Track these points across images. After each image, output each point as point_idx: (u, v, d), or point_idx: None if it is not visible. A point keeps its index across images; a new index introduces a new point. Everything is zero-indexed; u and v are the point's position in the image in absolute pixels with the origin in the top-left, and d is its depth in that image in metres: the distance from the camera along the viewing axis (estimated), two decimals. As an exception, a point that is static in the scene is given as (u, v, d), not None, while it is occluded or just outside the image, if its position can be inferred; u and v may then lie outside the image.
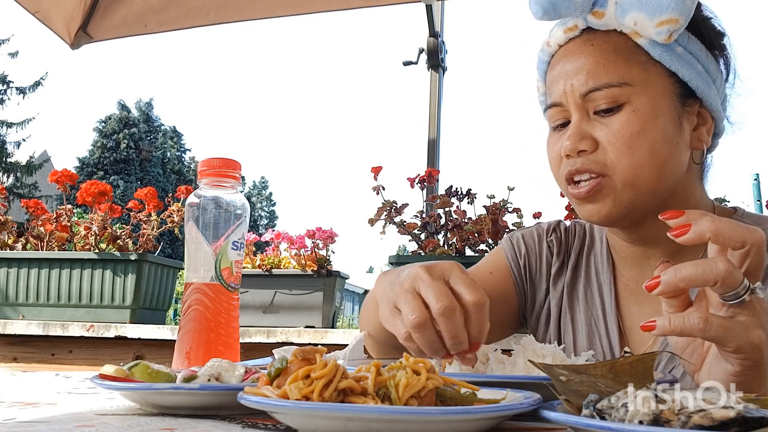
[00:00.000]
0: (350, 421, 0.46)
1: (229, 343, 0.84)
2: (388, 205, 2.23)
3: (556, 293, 1.01)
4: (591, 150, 0.83)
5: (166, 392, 0.60)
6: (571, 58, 0.86)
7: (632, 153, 0.81)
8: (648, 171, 0.81)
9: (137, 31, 2.81)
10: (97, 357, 2.32)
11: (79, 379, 0.96)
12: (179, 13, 2.76)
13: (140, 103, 33.73)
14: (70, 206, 2.52)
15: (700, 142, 0.86)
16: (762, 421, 0.39)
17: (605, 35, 0.84)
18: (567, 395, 0.49)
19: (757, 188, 3.62)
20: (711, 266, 0.54)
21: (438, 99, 2.95)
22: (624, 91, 0.82)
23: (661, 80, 0.83)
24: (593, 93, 0.83)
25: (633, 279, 0.94)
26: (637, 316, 0.93)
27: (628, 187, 0.82)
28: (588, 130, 0.84)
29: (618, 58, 0.83)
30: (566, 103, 0.86)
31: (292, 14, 2.89)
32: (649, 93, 0.82)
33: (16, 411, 0.62)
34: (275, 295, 2.36)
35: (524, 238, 1.05)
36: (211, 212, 0.86)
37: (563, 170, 0.86)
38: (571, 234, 1.04)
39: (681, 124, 0.84)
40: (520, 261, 1.03)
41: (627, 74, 0.82)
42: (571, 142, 0.83)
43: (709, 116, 0.87)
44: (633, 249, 0.92)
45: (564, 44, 0.88)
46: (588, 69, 0.84)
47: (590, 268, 1.00)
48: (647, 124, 0.81)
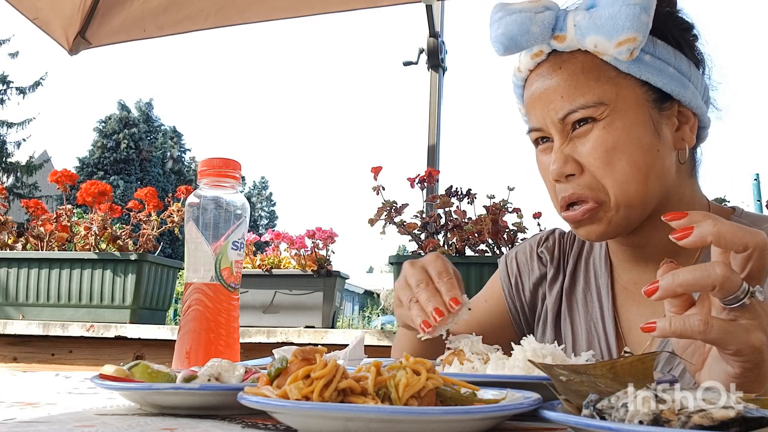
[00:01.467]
0: (350, 421, 0.46)
1: (229, 343, 0.84)
2: (388, 205, 2.23)
3: (552, 298, 1.02)
4: (578, 173, 0.84)
5: (166, 392, 0.60)
6: (543, 82, 0.87)
7: (612, 170, 0.82)
8: (633, 184, 0.82)
9: (136, 36, 2.80)
10: (97, 357, 2.32)
11: (79, 379, 0.96)
12: (178, 17, 2.74)
13: (140, 103, 33.74)
14: (70, 206, 2.52)
15: (683, 142, 0.87)
16: (762, 421, 0.39)
17: (571, 56, 0.85)
18: (567, 395, 0.49)
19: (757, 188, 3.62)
20: (709, 271, 0.54)
21: (438, 99, 2.95)
22: (598, 109, 0.82)
23: (632, 92, 0.83)
24: (570, 115, 0.84)
25: (631, 281, 0.95)
26: (635, 318, 0.93)
27: (621, 206, 0.83)
28: (570, 153, 0.85)
29: (588, 78, 0.83)
30: (546, 127, 0.87)
31: (292, 16, 2.88)
32: (620, 107, 0.83)
33: (16, 411, 0.62)
34: (275, 295, 2.36)
35: (517, 256, 1.08)
36: (211, 212, 0.86)
37: (558, 195, 0.87)
38: (569, 240, 1.05)
39: (659, 131, 0.84)
40: (512, 281, 1.07)
41: (600, 93, 0.83)
42: (557, 167, 0.85)
43: (691, 113, 0.87)
44: (631, 252, 0.93)
45: (534, 69, 0.89)
46: (561, 93, 0.84)
47: (589, 272, 1.01)
48: (621, 138, 0.82)
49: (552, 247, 1.05)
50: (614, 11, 0.78)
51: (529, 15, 0.84)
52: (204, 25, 2.76)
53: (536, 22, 0.83)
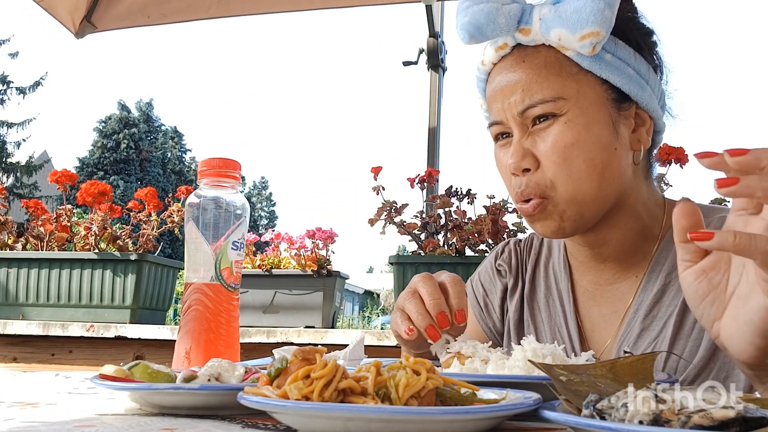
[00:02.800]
0: (350, 421, 0.46)
1: (229, 343, 0.84)
2: (388, 205, 2.23)
3: (513, 307, 1.04)
4: (534, 168, 0.85)
5: (166, 392, 0.60)
6: (506, 75, 0.88)
7: (569, 166, 0.83)
8: (587, 182, 0.83)
9: (140, 22, 2.83)
10: (97, 357, 2.32)
11: (79, 379, 0.96)
12: (182, 5, 2.77)
13: (140, 103, 33.74)
14: (70, 206, 2.52)
15: (639, 143, 0.88)
16: (762, 421, 0.39)
17: (535, 50, 0.86)
18: (567, 395, 0.49)
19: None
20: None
21: (438, 99, 2.95)
22: (558, 104, 0.83)
23: (593, 89, 0.85)
24: (529, 110, 0.85)
25: (591, 282, 0.96)
26: (597, 318, 0.94)
27: (572, 202, 0.84)
28: (528, 147, 0.85)
29: (550, 73, 0.84)
30: (506, 120, 0.88)
31: (293, 9, 2.90)
32: (581, 104, 0.84)
33: (16, 411, 0.62)
34: (275, 295, 2.36)
35: (481, 278, 1.10)
36: (211, 212, 0.86)
37: (514, 188, 0.88)
38: (526, 248, 1.07)
39: (617, 129, 0.85)
40: (480, 304, 1.08)
41: (560, 88, 0.84)
42: (514, 161, 0.85)
43: (647, 116, 0.88)
44: (589, 252, 0.94)
45: (497, 62, 0.90)
46: (522, 86, 0.85)
47: (549, 276, 1.02)
48: (581, 135, 0.83)
49: (509, 258, 1.07)
50: (579, 5, 0.80)
51: (496, 6, 0.85)
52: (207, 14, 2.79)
53: (503, 13, 0.85)
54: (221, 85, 76.38)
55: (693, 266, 0.60)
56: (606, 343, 0.92)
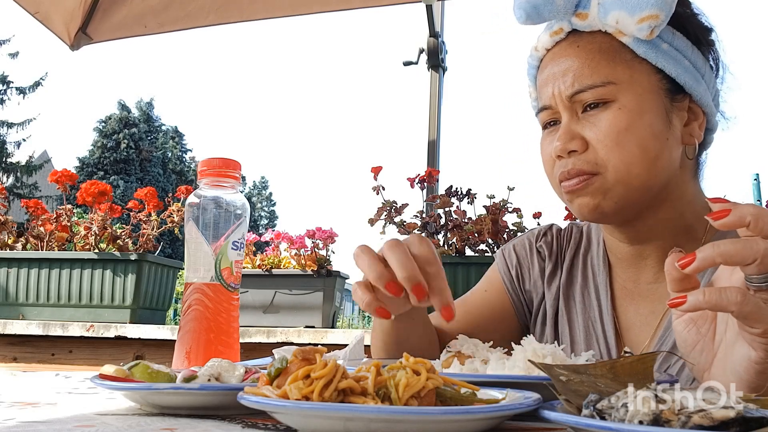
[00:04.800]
0: (350, 421, 0.46)
1: (229, 343, 0.84)
2: (388, 205, 2.23)
3: (551, 295, 1.01)
4: (581, 150, 0.83)
5: (166, 392, 0.60)
6: (558, 60, 0.87)
7: (622, 149, 0.81)
8: (639, 167, 0.82)
9: (137, 32, 2.81)
10: (97, 357, 2.32)
11: (79, 379, 0.96)
12: (179, 14, 2.76)
13: (141, 103, 33.72)
14: (70, 206, 2.52)
15: (692, 137, 0.86)
16: (762, 421, 0.39)
17: (590, 36, 0.85)
18: (567, 395, 0.49)
19: (757, 188, 3.62)
20: (751, 244, 0.53)
21: (438, 99, 2.95)
22: (609, 90, 0.82)
23: (647, 77, 0.83)
24: (579, 94, 0.84)
25: (629, 279, 0.94)
26: (633, 317, 0.92)
27: (620, 183, 0.82)
28: (577, 130, 0.84)
29: (602, 58, 0.84)
30: (555, 105, 0.87)
31: (292, 15, 2.89)
32: (635, 90, 0.82)
33: (16, 411, 0.62)
34: (275, 295, 2.36)
35: (515, 248, 1.06)
36: (211, 212, 0.86)
37: (556, 171, 0.86)
38: (566, 236, 1.04)
39: (670, 120, 0.84)
40: (512, 272, 1.04)
41: (612, 73, 0.83)
42: (561, 143, 0.84)
43: (701, 111, 0.87)
44: (629, 249, 0.92)
45: (551, 48, 0.90)
46: (574, 71, 0.85)
47: (587, 269, 1.00)
48: (634, 121, 0.82)
49: (550, 242, 1.04)
50: None
51: None
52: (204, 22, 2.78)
53: None
54: (221, 85, 76.41)
55: (683, 315, 0.62)
56: (643, 344, 0.90)
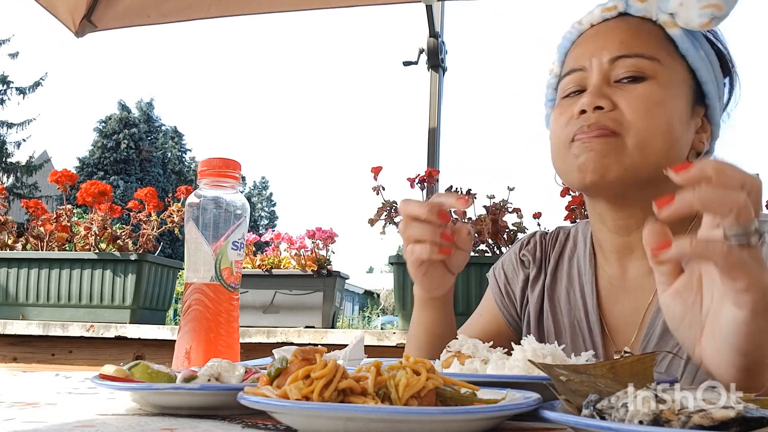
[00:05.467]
0: (350, 421, 0.46)
1: (229, 343, 0.84)
2: (388, 205, 2.23)
3: (534, 297, 1.02)
4: (608, 108, 0.82)
5: (166, 392, 0.60)
6: (603, 31, 0.88)
7: (651, 119, 0.81)
8: (660, 141, 0.81)
9: (140, 22, 2.84)
10: (97, 357, 2.32)
11: (79, 379, 0.96)
12: (182, 5, 2.78)
13: (141, 103, 33.73)
14: (70, 206, 2.52)
15: (701, 144, 0.88)
16: (762, 421, 0.39)
17: (641, 20, 0.87)
18: (567, 395, 0.49)
19: (757, 188, 3.60)
20: (730, 194, 0.53)
21: (438, 99, 2.95)
22: (652, 65, 0.83)
23: (682, 72, 0.86)
24: (623, 59, 0.84)
25: (616, 276, 0.94)
26: (619, 313, 0.92)
27: (638, 150, 0.81)
28: (608, 93, 0.83)
29: (651, 38, 0.85)
30: (589, 67, 0.86)
31: (292, 9, 2.90)
32: (672, 76, 0.84)
33: (16, 411, 0.62)
34: (275, 295, 2.36)
35: (503, 265, 1.09)
36: (211, 212, 0.86)
37: (572, 129, 0.84)
38: (550, 240, 1.05)
39: (691, 117, 0.87)
40: (502, 290, 1.06)
41: (658, 52, 0.84)
42: (590, 99, 0.83)
43: (710, 129, 0.89)
44: (617, 240, 0.91)
45: (596, 24, 0.90)
46: (621, 38, 0.85)
47: (572, 269, 1.00)
48: (668, 99, 0.83)
49: (533, 249, 1.05)
50: None
51: None
52: (207, 14, 2.80)
53: None
54: (221, 85, 76.40)
55: (668, 288, 0.61)
56: (630, 339, 0.90)
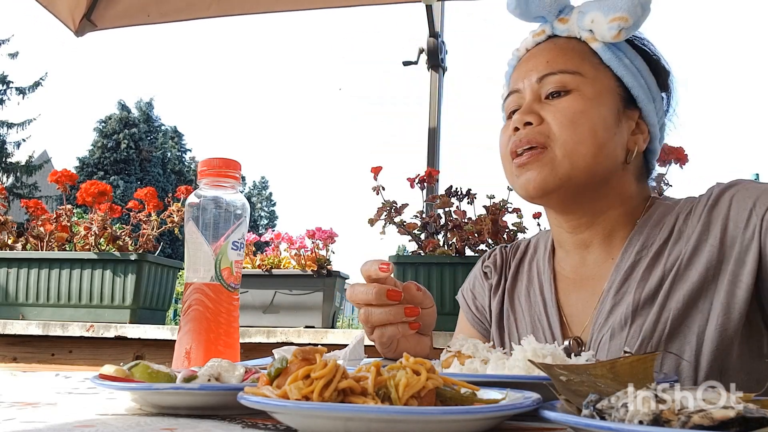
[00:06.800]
0: (350, 421, 0.46)
1: (229, 343, 0.84)
2: (388, 205, 2.23)
3: (495, 300, 1.09)
4: (536, 123, 0.91)
5: (166, 392, 0.60)
6: (534, 54, 0.97)
7: (574, 128, 0.89)
8: (586, 147, 0.88)
9: (140, 21, 2.84)
10: (97, 357, 2.32)
11: (79, 379, 0.96)
12: (181, 4, 2.78)
13: (140, 103, 33.71)
14: (70, 206, 2.52)
15: (634, 144, 0.94)
16: (762, 421, 0.39)
17: (567, 39, 0.96)
18: (567, 395, 0.49)
19: (757, 188, 3.60)
20: None
21: (438, 99, 2.95)
22: (575, 78, 0.91)
23: (608, 80, 0.93)
24: (549, 77, 0.92)
25: (572, 269, 1.00)
26: (575, 302, 0.98)
27: (567, 158, 0.89)
28: (537, 109, 0.92)
29: (575, 54, 0.94)
30: (523, 88, 0.95)
31: (292, 9, 2.90)
32: (595, 85, 0.92)
33: (16, 411, 0.62)
34: (275, 295, 2.36)
35: (469, 284, 1.16)
36: (211, 212, 0.86)
37: (510, 146, 0.93)
38: (512, 250, 1.13)
39: (620, 120, 0.92)
40: (472, 309, 1.14)
41: (580, 66, 0.92)
42: (520, 116, 0.92)
43: (646, 129, 0.95)
44: (573, 238, 0.98)
45: (531, 48, 1.00)
46: (548, 58, 0.95)
47: (532, 271, 1.07)
48: (590, 108, 0.90)
49: (494, 260, 1.13)
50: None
51: None
52: (206, 13, 2.81)
53: None
54: (221, 84, 76.38)
55: None
56: (584, 326, 0.95)
